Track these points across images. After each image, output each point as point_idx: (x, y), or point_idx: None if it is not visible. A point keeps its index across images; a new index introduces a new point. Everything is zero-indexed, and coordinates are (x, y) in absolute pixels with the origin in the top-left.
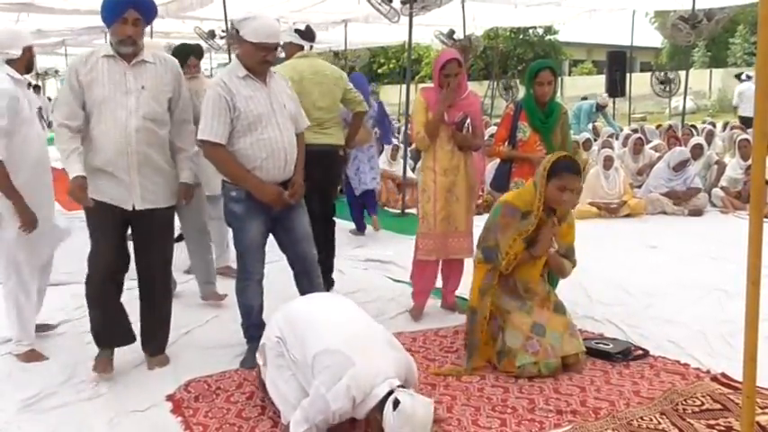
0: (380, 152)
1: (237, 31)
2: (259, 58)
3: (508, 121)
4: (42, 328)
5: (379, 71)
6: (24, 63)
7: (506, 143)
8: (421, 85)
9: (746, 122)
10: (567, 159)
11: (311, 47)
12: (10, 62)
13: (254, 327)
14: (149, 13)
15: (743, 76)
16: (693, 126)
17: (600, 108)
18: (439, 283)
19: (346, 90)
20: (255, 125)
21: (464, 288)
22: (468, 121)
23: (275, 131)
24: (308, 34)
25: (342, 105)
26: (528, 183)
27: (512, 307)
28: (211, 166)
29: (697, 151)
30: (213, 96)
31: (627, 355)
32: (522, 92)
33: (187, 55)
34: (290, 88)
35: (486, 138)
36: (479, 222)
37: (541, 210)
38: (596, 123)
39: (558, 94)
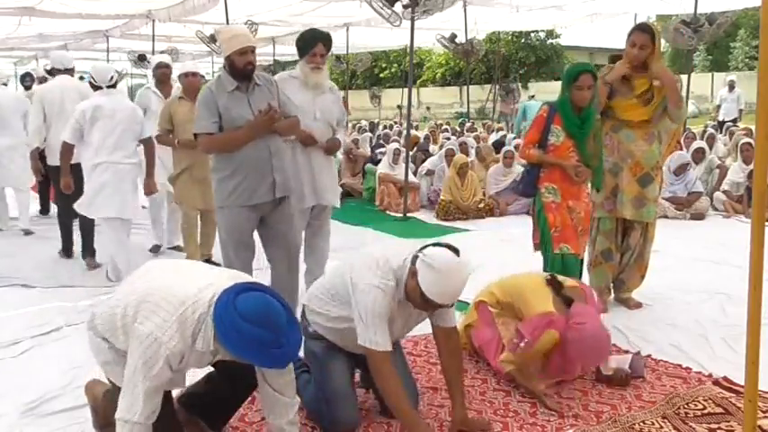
0: None
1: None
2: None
3: (541, 124)
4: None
5: (381, 75)
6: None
7: (537, 146)
8: (423, 90)
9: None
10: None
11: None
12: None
13: None
14: None
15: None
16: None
17: None
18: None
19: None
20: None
21: None
22: None
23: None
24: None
25: None
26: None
27: None
28: (299, 181)
29: (699, 155)
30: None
31: None
32: (524, 95)
33: (315, 42)
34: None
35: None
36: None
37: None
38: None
39: None
